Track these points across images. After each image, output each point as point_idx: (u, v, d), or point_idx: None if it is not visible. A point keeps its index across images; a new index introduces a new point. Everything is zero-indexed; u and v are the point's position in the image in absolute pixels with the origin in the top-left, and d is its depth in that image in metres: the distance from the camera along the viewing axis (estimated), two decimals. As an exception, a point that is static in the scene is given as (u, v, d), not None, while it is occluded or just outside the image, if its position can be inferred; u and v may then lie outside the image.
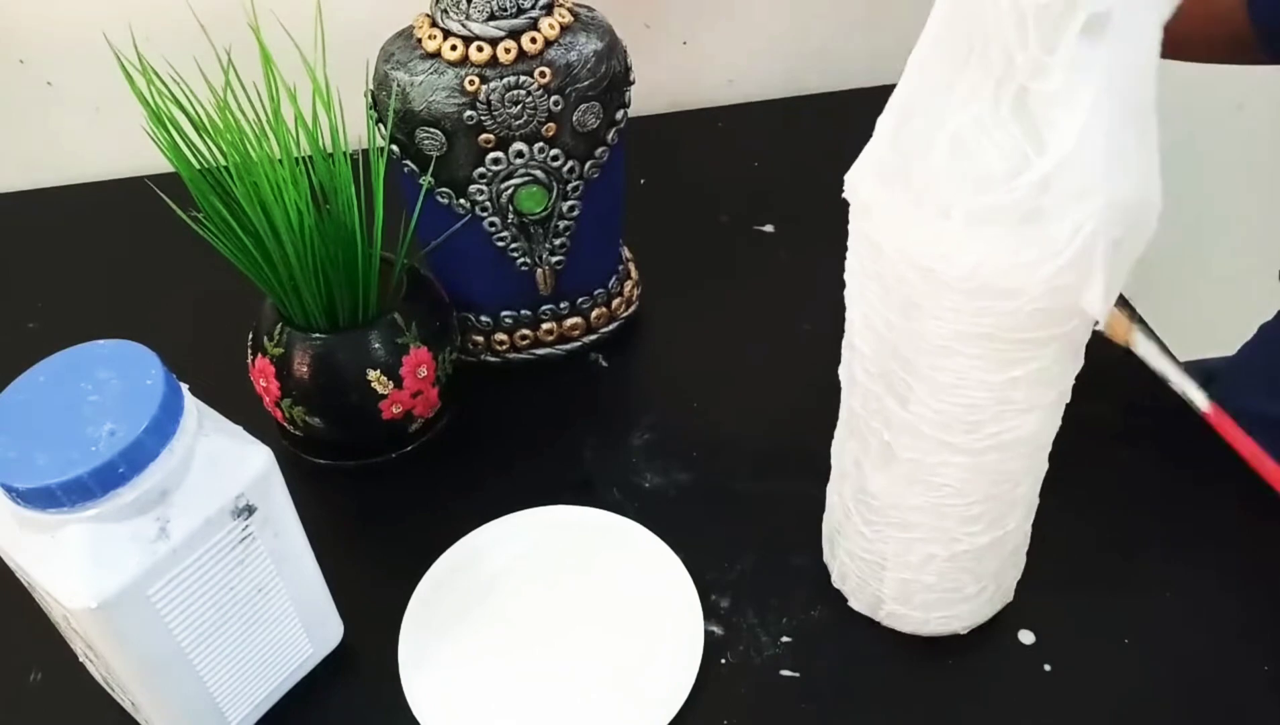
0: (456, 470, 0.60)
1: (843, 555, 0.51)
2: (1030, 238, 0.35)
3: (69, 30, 0.74)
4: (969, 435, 0.42)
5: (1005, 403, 0.41)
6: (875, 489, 0.47)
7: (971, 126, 0.35)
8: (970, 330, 0.38)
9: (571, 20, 0.56)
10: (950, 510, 0.45)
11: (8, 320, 0.69)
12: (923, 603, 0.49)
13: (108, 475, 0.38)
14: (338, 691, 0.51)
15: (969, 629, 0.51)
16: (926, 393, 0.41)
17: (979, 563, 0.48)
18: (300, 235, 0.51)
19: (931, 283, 0.38)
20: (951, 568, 0.47)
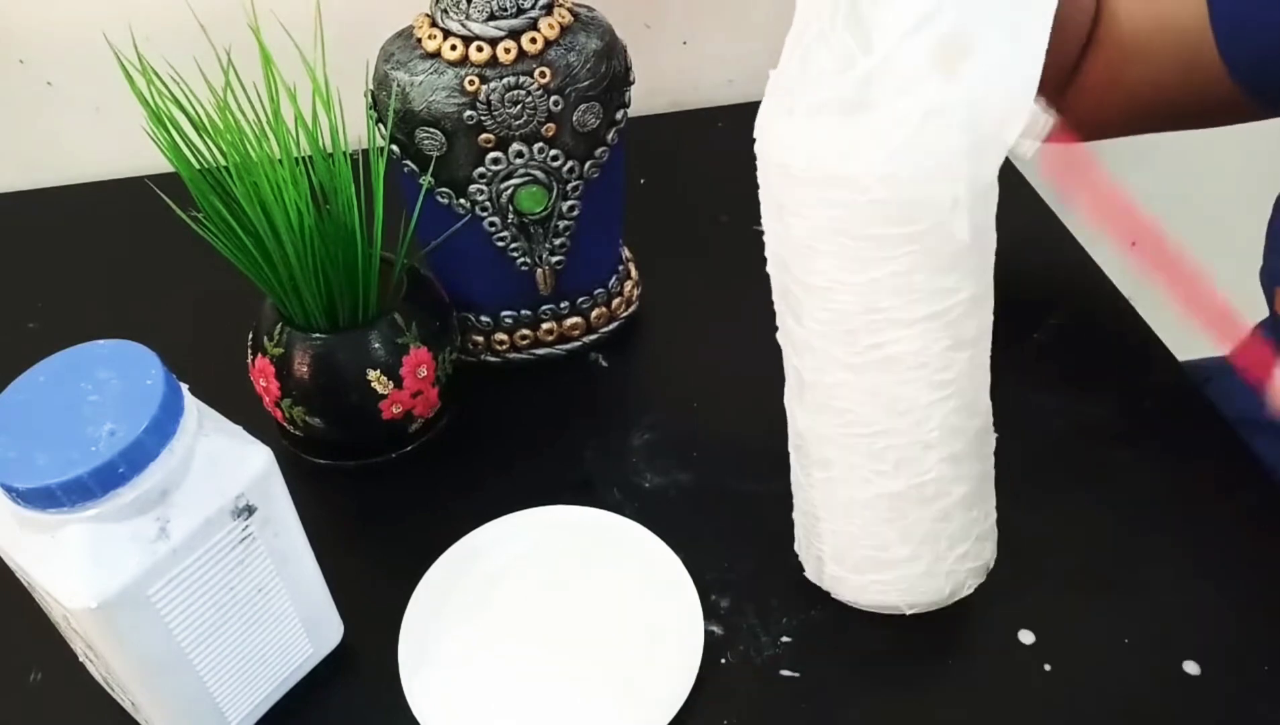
0: (456, 470, 0.60)
1: (796, 517, 0.52)
2: (859, 126, 0.39)
3: (69, 30, 0.74)
4: (848, 347, 0.44)
5: (873, 310, 0.42)
6: (800, 426, 0.48)
7: (815, 39, 0.40)
8: (824, 225, 0.41)
9: (571, 20, 0.56)
10: (857, 442, 0.46)
11: (8, 320, 0.69)
12: (855, 562, 0.49)
13: (108, 475, 0.38)
14: (338, 691, 0.51)
15: (913, 608, 0.50)
16: (811, 302, 0.44)
17: (899, 515, 0.47)
18: (300, 235, 0.51)
19: (787, 179, 0.42)
20: (872, 517, 0.48)
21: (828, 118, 0.40)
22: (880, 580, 0.50)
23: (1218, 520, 0.56)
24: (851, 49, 0.39)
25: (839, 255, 0.42)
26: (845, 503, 0.48)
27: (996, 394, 0.61)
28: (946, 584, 0.50)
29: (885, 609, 0.51)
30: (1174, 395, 0.63)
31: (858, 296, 0.42)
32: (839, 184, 0.40)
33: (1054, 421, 0.62)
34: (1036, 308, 0.67)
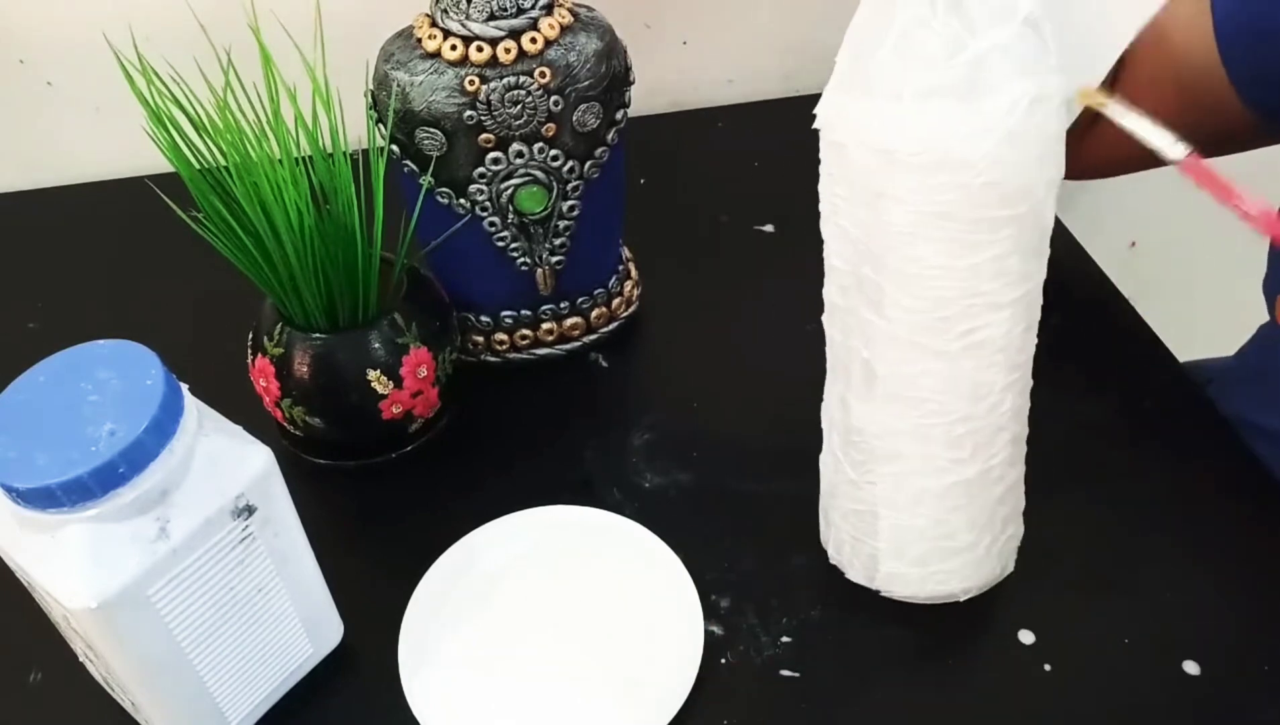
0: (456, 470, 0.60)
1: (836, 518, 0.52)
2: (972, 110, 0.39)
3: (69, 30, 0.75)
4: (942, 335, 0.44)
5: (973, 295, 0.43)
6: (860, 422, 0.48)
7: (914, 23, 0.39)
8: (929, 210, 0.41)
9: (571, 20, 0.56)
10: (934, 431, 0.46)
11: (8, 320, 0.69)
12: (917, 555, 0.50)
13: (108, 475, 0.38)
14: (338, 691, 0.51)
15: (967, 593, 0.51)
16: (898, 291, 0.43)
17: (970, 500, 0.48)
18: (300, 235, 0.51)
19: (891, 165, 0.41)
20: (942, 506, 0.48)
21: (940, 102, 0.40)
22: (943, 569, 0.50)
23: (1218, 520, 0.56)
24: (959, 33, 0.39)
25: (943, 240, 0.42)
26: (916, 494, 0.48)
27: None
28: (998, 563, 0.51)
29: (942, 599, 0.51)
30: (1174, 395, 0.63)
31: (958, 281, 0.43)
32: (953, 168, 0.40)
33: (1054, 421, 0.61)
34: (1036, 308, 0.67)
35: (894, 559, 0.51)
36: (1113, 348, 0.66)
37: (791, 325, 0.67)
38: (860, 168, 0.43)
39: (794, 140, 0.86)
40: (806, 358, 0.66)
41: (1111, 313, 0.68)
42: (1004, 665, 0.51)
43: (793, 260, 0.71)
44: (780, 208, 0.74)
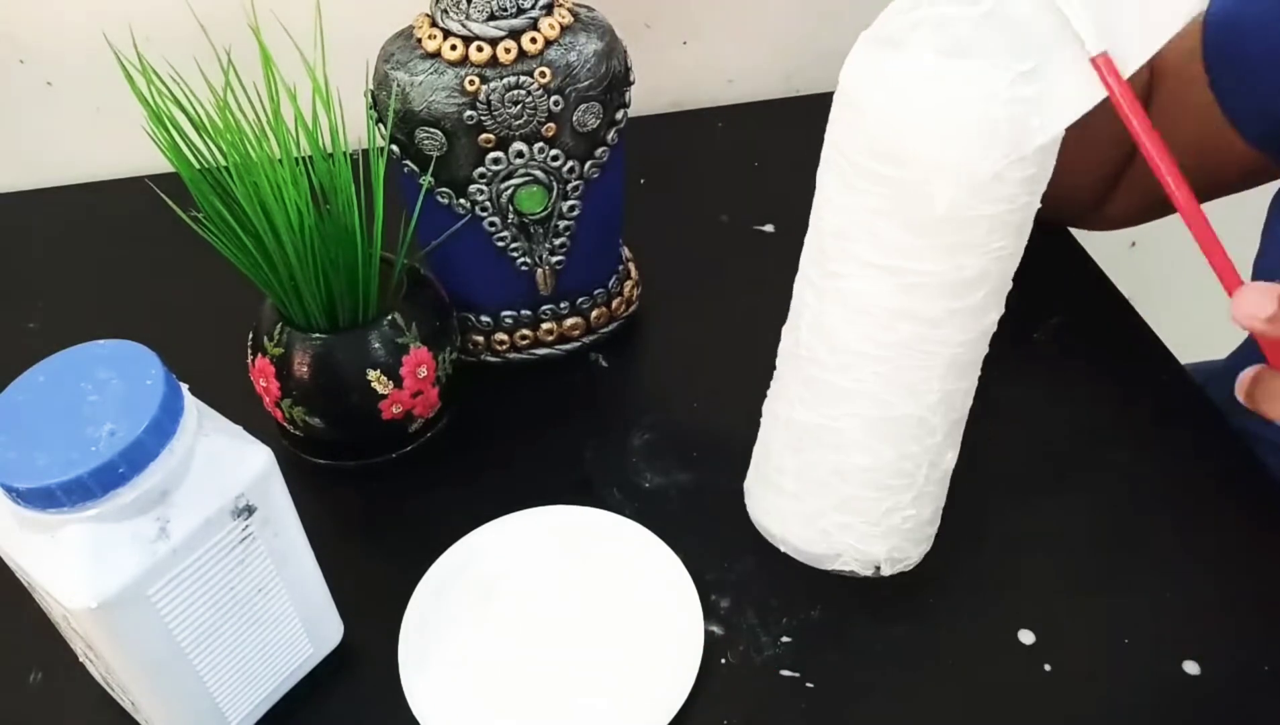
0: (457, 470, 0.60)
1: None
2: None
3: (69, 30, 0.74)
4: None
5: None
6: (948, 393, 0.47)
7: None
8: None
9: (572, 20, 0.56)
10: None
11: (7, 320, 0.69)
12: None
13: (108, 475, 0.38)
14: (338, 691, 0.51)
15: (848, 562, 0.52)
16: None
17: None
18: (300, 235, 0.51)
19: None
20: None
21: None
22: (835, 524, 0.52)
23: (1217, 520, 0.56)
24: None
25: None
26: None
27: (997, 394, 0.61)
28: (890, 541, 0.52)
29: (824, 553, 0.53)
30: (1174, 395, 0.63)
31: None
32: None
33: (1054, 421, 0.62)
34: (1036, 308, 0.67)
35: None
36: (1113, 348, 0.66)
37: (791, 325, 0.67)
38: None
39: (794, 140, 0.86)
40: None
41: (1111, 313, 0.68)
42: (1004, 665, 0.51)
43: (793, 260, 0.71)
44: (780, 208, 0.74)
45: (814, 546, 0.52)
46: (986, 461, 0.59)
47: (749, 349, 0.66)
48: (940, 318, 0.44)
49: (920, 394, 0.46)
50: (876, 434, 0.48)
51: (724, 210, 0.75)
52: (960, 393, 0.48)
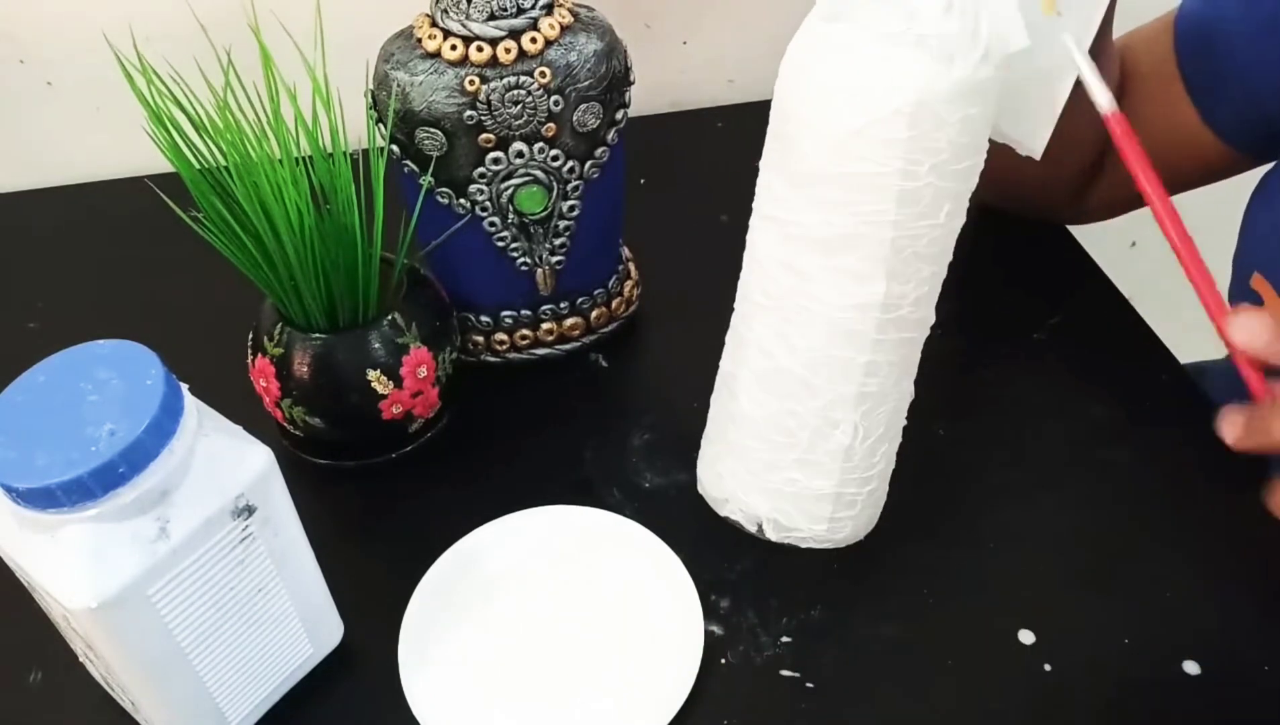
0: (457, 470, 0.60)
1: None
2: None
3: (69, 31, 0.74)
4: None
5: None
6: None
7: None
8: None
9: (572, 20, 0.56)
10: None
11: (7, 320, 0.69)
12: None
13: (108, 475, 0.38)
14: (338, 691, 0.51)
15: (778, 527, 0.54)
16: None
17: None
18: (300, 235, 0.51)
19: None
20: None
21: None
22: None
23: (1218, 520, 0.56)
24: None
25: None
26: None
27: (998, 394, 0.61)
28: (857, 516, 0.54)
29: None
30: (1174, 395, 0.63)
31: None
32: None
33: (1054, 421, 0.62)
34: (1036, 308, 0.68)
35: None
36: (1113, 348, 0.66)
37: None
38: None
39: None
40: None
41: (1111, 313, 0.68)
42: (1004, 665, 0.51)
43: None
44: (780, 208, 0.74)
45: (712, 488, 0.55)
46: (987, 461, 0.59)
47: (749, 349, 0.66)
48: (813, 273, 0.45)
49: (799, 350, 0.48)
50: (763, 385, 0.50)
51: (724, 210, 0.75)
52: (849, 363, 0.47)
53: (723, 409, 0.54)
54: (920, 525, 0.56)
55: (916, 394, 0.53)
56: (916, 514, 0.57)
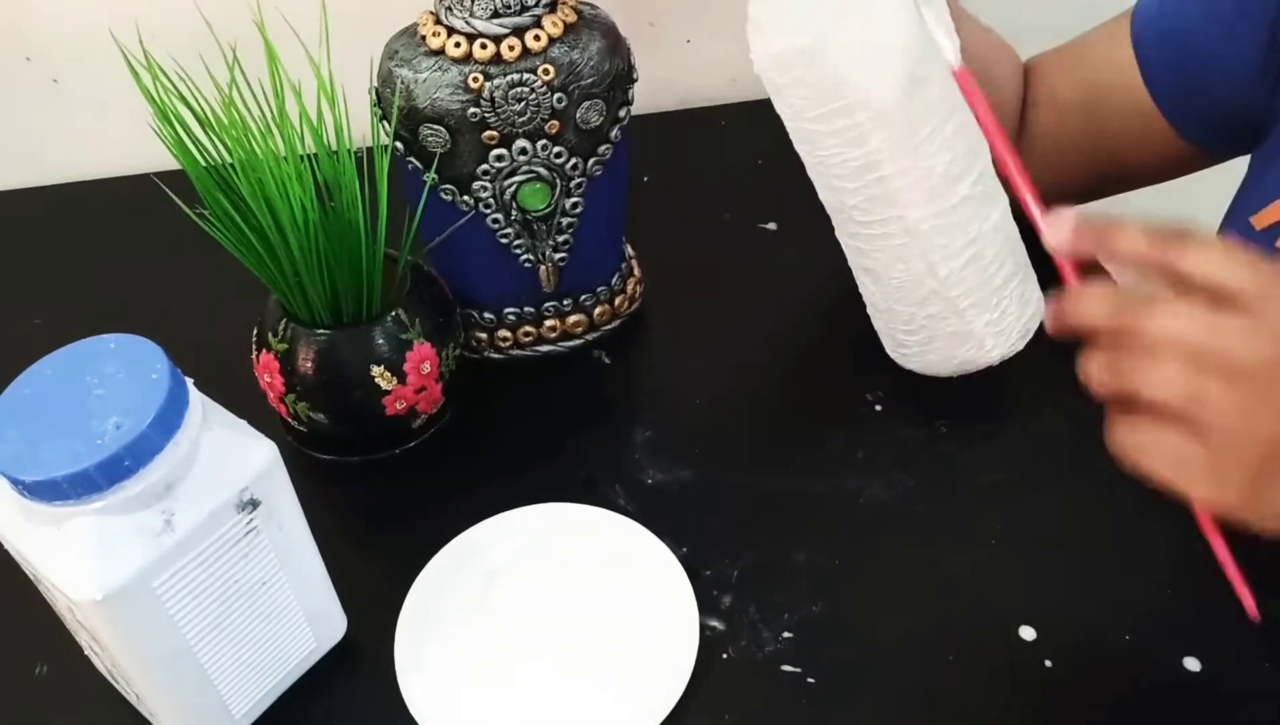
0: (460, 466, 0.60)
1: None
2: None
3: (75, 28, 0.75)
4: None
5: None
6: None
7: None
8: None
9: (575, 18, 0.56)
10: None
11: (14, 315, 0.70)
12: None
13: (113, 468, 0.39)
14: (341, 685, 0.51)
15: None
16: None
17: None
18: (305, 231, 0.52)
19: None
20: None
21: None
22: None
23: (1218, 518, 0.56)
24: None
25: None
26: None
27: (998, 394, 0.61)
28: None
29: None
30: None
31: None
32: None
33: (1055, 419, 0.62)
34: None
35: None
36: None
37: (793, 322, 0.68)
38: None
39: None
40: (808, 354, 0.67)
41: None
42: (1005, 661, 0.51)
43: (795, 258, 0.71)
44: (783, 206, 0.74)
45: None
46: (988, 460, 0.59)
47: (751, 346, 0.67)
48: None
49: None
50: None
51: (727, 208, 0.75)
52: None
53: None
54: (921, 523, 0.57)
55: (916, 394, 0.53)
56: (917, 512, 0.57)
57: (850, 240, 0.57)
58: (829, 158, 0.54)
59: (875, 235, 0.55)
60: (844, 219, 0.56)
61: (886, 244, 0.55)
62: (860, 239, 0.56)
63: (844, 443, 0.60)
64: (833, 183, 0.55)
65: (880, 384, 0.62)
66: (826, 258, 0.67)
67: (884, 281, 0.57)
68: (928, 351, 0.59)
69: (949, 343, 0.58)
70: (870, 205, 0.54)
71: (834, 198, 0.56)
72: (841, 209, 0.56)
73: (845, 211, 0.56)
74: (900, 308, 0.58)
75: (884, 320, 0.60)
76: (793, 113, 0.54)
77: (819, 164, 0.55)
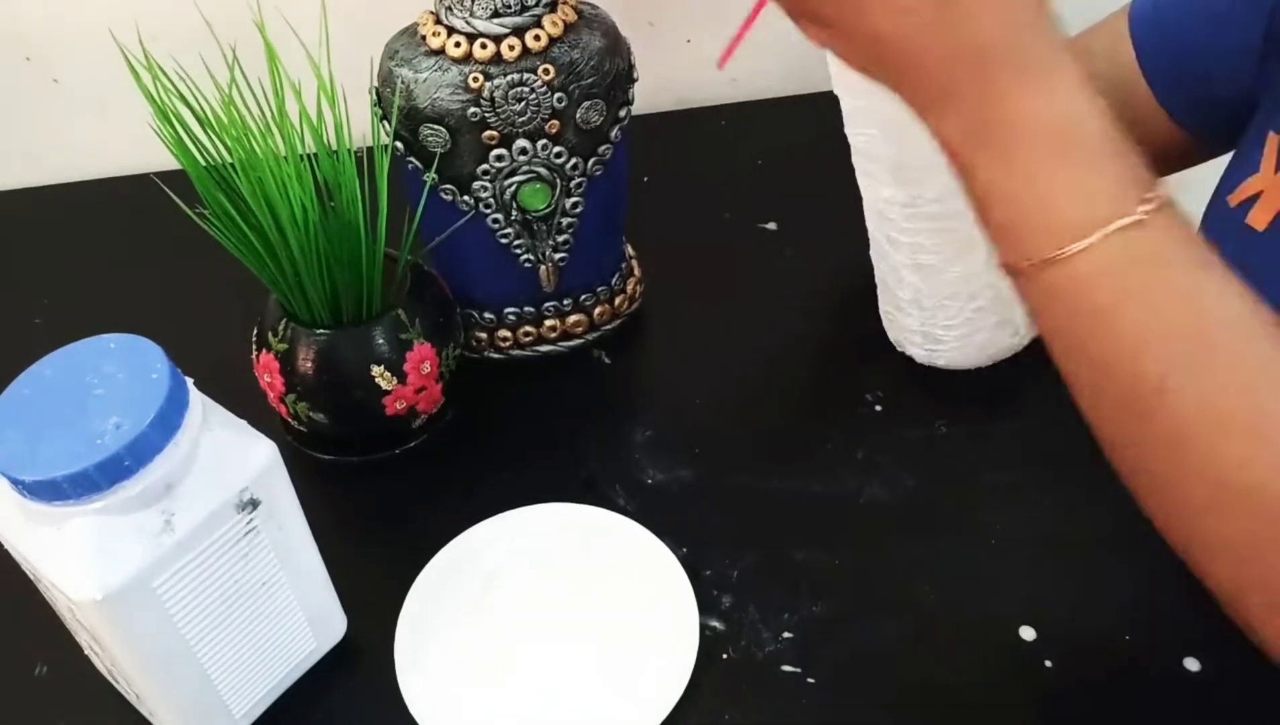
0: (460, 466, 0.60)
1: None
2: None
3: (75, 28, 0.75)
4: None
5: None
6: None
7: None
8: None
9: (575, 18, 0.56)
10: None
11: (14, 316, 0.70)
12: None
13: (113, 468, 0.39)
14: (341, 685, 0.51)
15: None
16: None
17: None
18: (305, 231, 0.52)
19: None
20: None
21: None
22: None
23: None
24: None
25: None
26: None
27: (999, 394, 0.61)
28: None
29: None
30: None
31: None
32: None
33: (1055, 419, 0.62)
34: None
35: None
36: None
37: (794, 322, 0.68)
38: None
39: (797, 138, 0.86)
40: (809, 354, 0.67)
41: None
42: (1005, 661, 0.51)
43: (795, 257, 0.71)
44: (783, 205, 0.74)
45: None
46: (988, 460, 0.59)
47: (751, 345, 0.67)
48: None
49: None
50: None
51: (727, 208, 0.75)
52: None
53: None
54: (921, 522, 0.57)
55: (916, 394, 0.53)
56: (917, 511, 0.57)
57: (907, 236, 0.57)
58: (908, 147, 0.53)
59: (943, 228, 0.55)
60: (909, 214, 0.56)
61: (954, 237, 0.55)
62: (923, 234, 0.56)
63: (844, 443, 0.60)
64: (907, 176, 0.54)
65: (880, 384, 0.62)
66: (826, 257, 0.67)
67: (938, 276, 0.57)
68: (967, 343, 0.60)
69: (993, 333, 0.58)
70: (948, 196, 0.53)
71: (905, 191, 0.55)
72: (911, 202, 0.55)
73: (915, 206, 0.55)
74: (950, 303, 0.58)
75: (923, 317, 0.60)
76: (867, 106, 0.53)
77: (896, 157, 0.54)
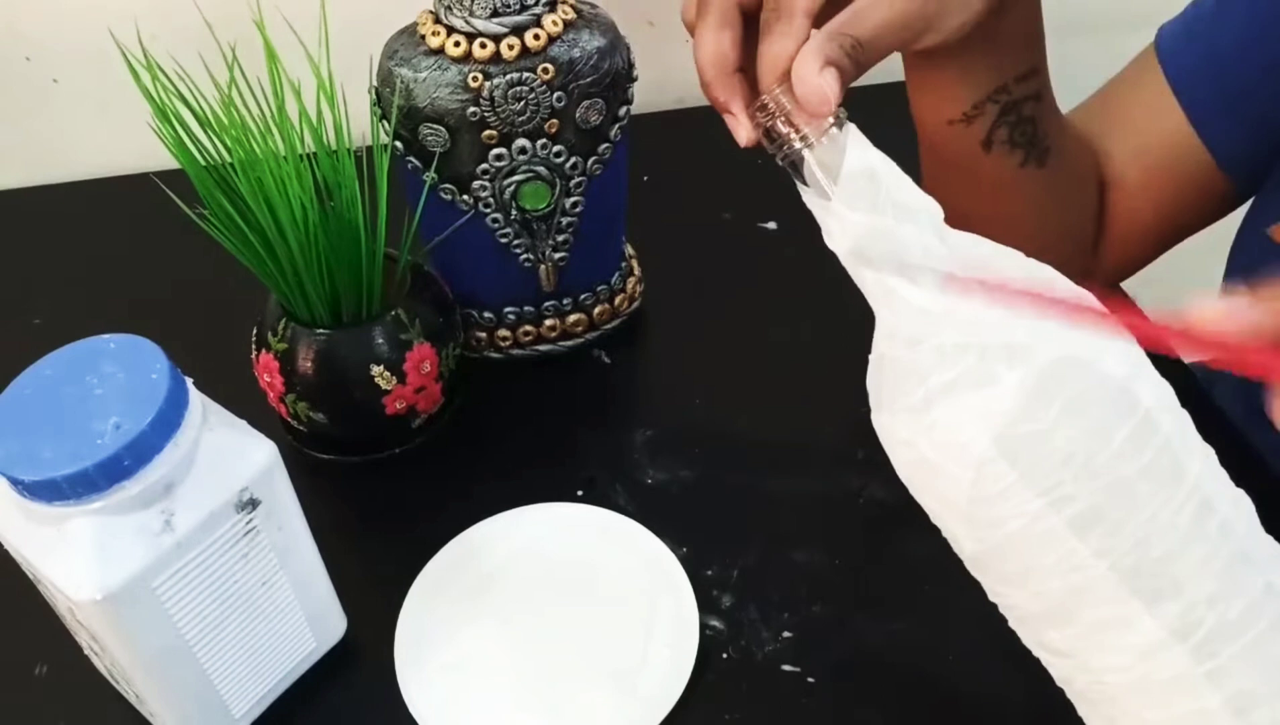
0: (459, 466, 0.60)
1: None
2: None
3: (75, 27, 0.75)
4: None
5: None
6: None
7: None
8: None
9: (575, 17, 0.56)
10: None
11: (13, 315, 0.70)
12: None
13: (113, 468, 0.39)
14: (341, 685, 0.51)
15: None
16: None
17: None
18: (304, 231, 0.52)
19: None
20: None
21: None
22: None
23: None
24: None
25: None
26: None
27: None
28: None
29: None
30: (1178, 395, 0.63)
31: None
32: None
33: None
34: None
35: None
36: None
37: (794, 321, 0.68)
38: None
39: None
40: (809, 354, 0.67)
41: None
42: (1006, 660, 0.51)
43: (795, 257, 0.71)
44: (783, 205, 0.74)
45: None
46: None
47: (751, 345, 0.67)
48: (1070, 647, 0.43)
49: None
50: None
51: (727, 207, 0.75)
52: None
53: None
54: (921, 522, 0.57)
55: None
56: (917, 511, 0.57)
57: None
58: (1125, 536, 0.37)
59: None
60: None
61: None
62: None
63: (844, 443, 0.60)
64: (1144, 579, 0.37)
65: (880, 383, 0.62)
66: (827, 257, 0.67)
67: None
68: None
69: None
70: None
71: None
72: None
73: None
74: None
75: None
76: (1043, 487, 0.37)
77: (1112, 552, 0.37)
